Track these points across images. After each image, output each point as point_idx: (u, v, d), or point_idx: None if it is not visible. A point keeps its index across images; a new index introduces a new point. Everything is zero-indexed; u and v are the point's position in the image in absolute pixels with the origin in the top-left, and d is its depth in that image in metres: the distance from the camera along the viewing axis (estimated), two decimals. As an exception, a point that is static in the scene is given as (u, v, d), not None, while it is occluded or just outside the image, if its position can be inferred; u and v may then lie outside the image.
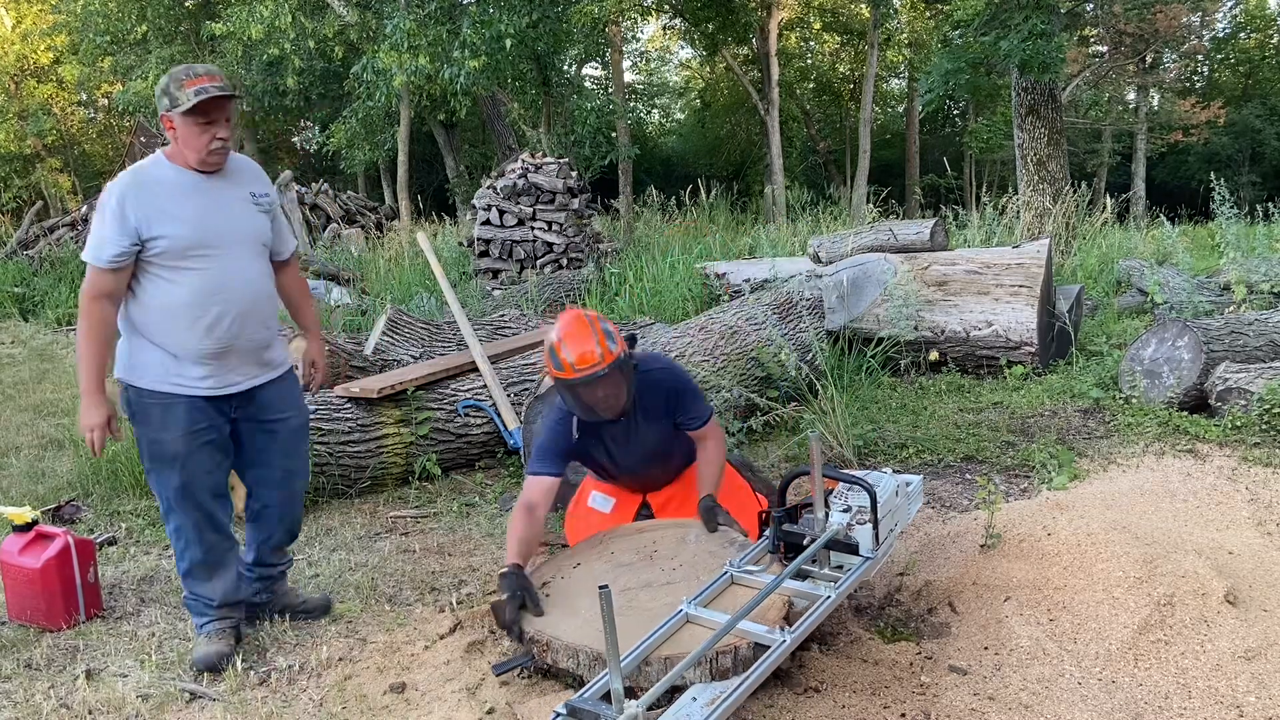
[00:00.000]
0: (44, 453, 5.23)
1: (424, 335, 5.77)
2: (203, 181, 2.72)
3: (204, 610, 2.87)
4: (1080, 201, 9.92)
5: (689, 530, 2.95)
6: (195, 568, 2.82)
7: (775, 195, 17.69)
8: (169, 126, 2.66)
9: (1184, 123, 20.10)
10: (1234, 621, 2.61)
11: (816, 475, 2.65)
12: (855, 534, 2.66)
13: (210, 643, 2.82)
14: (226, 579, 2.87)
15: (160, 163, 2.72)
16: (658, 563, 2.80)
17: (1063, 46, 9.11)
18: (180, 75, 2.65)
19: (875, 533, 2.64)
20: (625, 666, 2.21)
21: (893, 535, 2.82)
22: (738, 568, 2.64)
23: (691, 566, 2.74)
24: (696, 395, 3.10)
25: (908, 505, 2.94)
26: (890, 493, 2.78)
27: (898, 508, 2.85)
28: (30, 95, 23.76)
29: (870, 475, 2.85)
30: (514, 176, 9.47)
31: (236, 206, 2.78)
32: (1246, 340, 4.82)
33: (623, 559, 2.85)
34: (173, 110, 2.62)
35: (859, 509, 2.70)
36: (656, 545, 2.91)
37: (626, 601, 2.59)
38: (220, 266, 2.70)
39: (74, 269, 11.36)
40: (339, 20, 14.16)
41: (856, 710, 2.39)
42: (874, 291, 6.00)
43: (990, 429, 4.65)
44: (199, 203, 2.69)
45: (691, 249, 9.24)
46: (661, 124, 33.06)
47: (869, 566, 2.65)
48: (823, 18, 24.63)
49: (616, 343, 2.86)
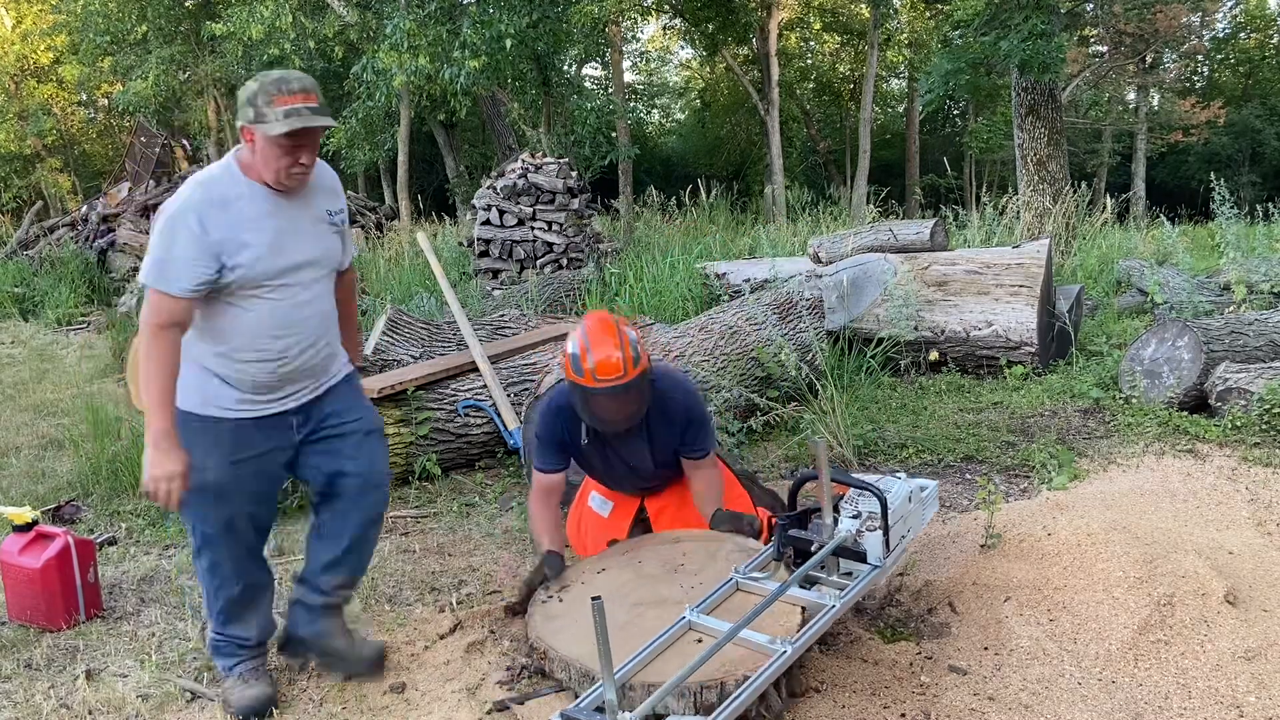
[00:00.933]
0: (44, 453, 5.24)
1: (424, 335, 5.77)
2: (279, 201, 2.39)
3: (235, 651, 2.59)
4: (1080, 201, 9.92)
5: (722, 546, 2.87)
6: (232, 606, 2.53)
7: (775, 195, 17.69)
8: (248, 139, 2.31)
9: (1184, 123, 20.09)
10: (1234, 621, 2.61)
11: (824, 480, 2.60)
12: (865, 541, 2.60)
13: (247, 686, 2.54)
14: (263, 615, 2.62)
15: (234, 176, 2.36)
16: (680, 578, 2.73)
17: (1063, 46, 9.10)
18: (271, 88, 2.27)
19: (886, 540, 2.58)
20: (620, 677, 2.17)
21: (904, 542, 2.76)
22: (743, 574, 2.60)
23: (710, 587, 2.64)
24: (707, 427, 3.05)
25: (921, 511, 2.87)
26: (903, 498, 2.71)
27: (910, 514, 2.77)
28: (30, 95, 23.75)
29: (882, 480, 2.79)
30: (514, 176, 9.47)
31: (312, 229, 2.46)
32: (1246, 340, 4.82)
33: (648, 569, 2.80)
34: (256, 125, 2.28)
35: (869, 515, 2.63)
36: (685, 559, 2.84)
37: (634, 617, 2.54)
38: (292, 296, 2.40)
39: (74, 269, 11.37)
40: (339, 20, 14.15)
41: (856, 710, 2.39)
42: (874, 291, 6.00)
43: (990, 429, 4.65)
44: (275, 226, 2.36)
45: (691, 249, 9.23)
46: (661, 124, 33.06)
47: (877, 575, 2.60)
48: (823, 18, 24.62)
49: (641, 356, 2.81)
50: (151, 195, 13.28)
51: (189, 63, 18.41)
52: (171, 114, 20.57)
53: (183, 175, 13.73)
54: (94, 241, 12.56)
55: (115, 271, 12.01)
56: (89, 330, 9.58)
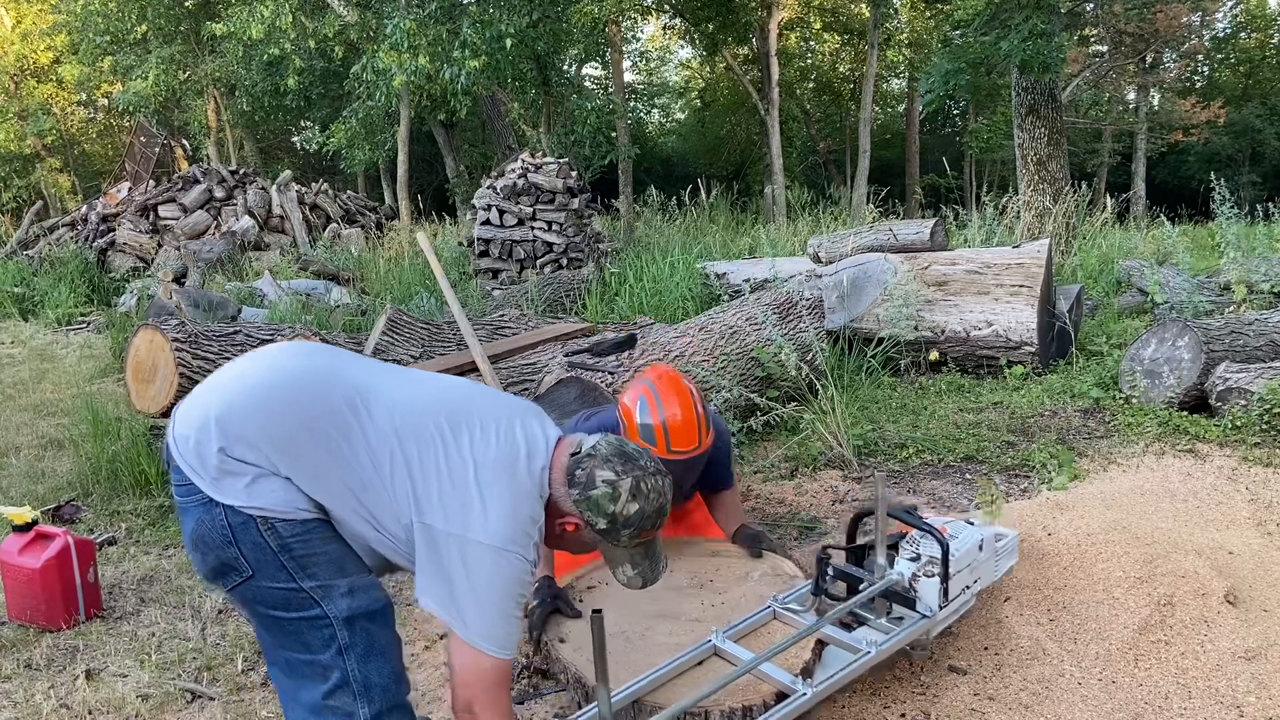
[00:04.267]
0: (44, 453, 5.23)
1: (424, 335, 5.76)
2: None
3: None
4: (1080, 201, 9.92)
5: (757, 568, 2.80)
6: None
7: (775, 195, 17.69)
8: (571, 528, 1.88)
9: (1184, 123, 20.12)
10: (1234, 621, 2.61)
11: (879, 515, 2.42)
12: (919, 587, 2.41)
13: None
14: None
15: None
16: (704, 594, 2.66)
17: (1063, 46, 9.11)
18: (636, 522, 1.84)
19: (944, 589, 2.39)
20: (630, 694, 2.14)
21: (969, 594, 2.54)
22: (781, 604, 2.47)
23: (734, 607, 2.58)
24: (729, 458, 3.00)
25: (994, 562, 2.63)
26: (970, 546, 2.50)
27: (981, 563, 2.56)
28: (30, 95, 23.76)
29: (954, 524, 2.59)
30: (514, 176, 9.47)
31: None
32: (1246, 340, 4.82)
33: (677, 580, 2.73)
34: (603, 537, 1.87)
35: (929, 559, 2.43)
36: (716, 574, 2.78)
37: (645, 629, 2.49)
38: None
39: (73, 269, 11.37)
40: (339, 20, 14.15)
41: (856, 710, 2.39)
42: (874, 291, 6.00)
43: (990, 429, 4.65)
44: None
45: (691, 249, 9.23)
46: (661, 124, 33.06)
47: (923, 626, 2.40)
48: (823, 18, 24.62)
49: (711, 427, 2.71)
50: (151, 195, 13.28)
51: (189, 63, 18.42)
52: (171, 114, 20.59)
53: (182, 175, 13.75)
54: (94, 241, 12.56)
55: (115, 271, 12.02)
56: (89, 330, 9.58)
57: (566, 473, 1.84)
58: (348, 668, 1.79)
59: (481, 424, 1.84)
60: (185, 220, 12.74)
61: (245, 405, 1.77)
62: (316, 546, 1.76)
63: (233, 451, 1.72)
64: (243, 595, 1.78)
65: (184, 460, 1.75)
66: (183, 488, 1.77)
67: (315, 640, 1.78)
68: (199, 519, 1.74)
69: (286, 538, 1.73)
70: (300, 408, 1.78)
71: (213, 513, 1.73)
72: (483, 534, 1.73)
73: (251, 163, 20.21)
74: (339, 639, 1.78)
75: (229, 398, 1.79)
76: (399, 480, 1.77)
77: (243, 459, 1.73)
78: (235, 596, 1.80)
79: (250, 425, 1.74)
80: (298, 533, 1.74)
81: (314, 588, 1.76)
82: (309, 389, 1.81)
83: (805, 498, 3.98)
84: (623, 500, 1.81)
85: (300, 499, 1.75)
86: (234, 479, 1.72)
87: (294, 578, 1.75)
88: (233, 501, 1.72)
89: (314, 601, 1.76)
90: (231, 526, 1.72)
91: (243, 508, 1.72)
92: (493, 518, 1.74)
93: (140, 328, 5.35)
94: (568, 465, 1.85)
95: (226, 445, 1.72)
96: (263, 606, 1.78)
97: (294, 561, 1.74)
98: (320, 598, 1.76)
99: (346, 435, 1.77)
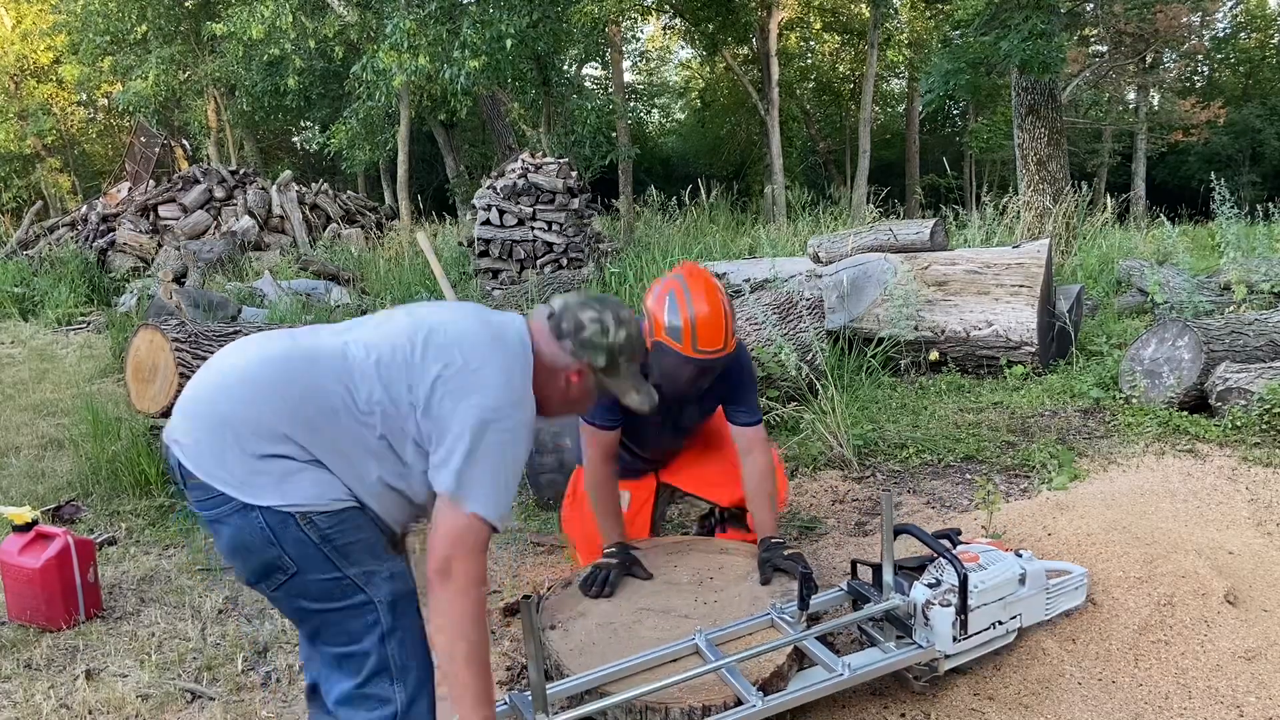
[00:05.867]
0: (44, 453, 5.23)
1: (424, 335, 5.75)
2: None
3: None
4: (1080, 201, 9.92)
5: (756, 573, 2.73)
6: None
7: (775, 195, 17.69)
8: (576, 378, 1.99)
9: (1184, 123, 20.13)
10: (1234, 621, 2.61)
11: (885, 533, 2.32)
12: (931, 615, 2.26)
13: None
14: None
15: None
16: (700, 592, 2.64)
17: (1063, 46, 9.11)
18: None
19: (961, 621, 2.23)
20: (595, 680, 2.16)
21: (1001, 629, 2.36)
22: (779, 612, 2.41)
23: (726, 607, 2.54)
24: (754, 384, 2.85)
25: (1042, 599, 2.43)
26: (1007, 579, 2.32)
27: (1020, 599, 2.36)
28: (30, 95, 23.78)
29: (989, 553, 2.41)
30: (514, 176, 9.47)
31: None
32: (1246, 340, 4.82)
33: (679, 576, 2.71)
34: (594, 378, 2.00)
35: (950, 588, 2.27)
36: (718, 571, 2.75)
37: (633, 621, 2.50)
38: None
39: (73, 269, 11.37)
40: (339, 20, 14.16)
41: (856, 710, 2.39)
42: (874, 291, 6.00)
43: (990, 429, 4.65)
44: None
45: (691, 249, 9.24)
46: (661, 124, 33.08)
47: (915, 656, 2.27)
48: (823, 18, 24.64)
49: (735, 331, 2.62)
50: (151, 195, 13.28)
51: (189, 63, 18.43)
52: (171, 114, 20.60)
53: (182, 175, 13.76)
54: (94, 241, 12.57)
55: (115, 271, 12.02)
56: (89, 330, 9.58)
57: (551, 331, 1.94)
58: (387, 653, 1.82)
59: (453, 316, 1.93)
60: (185, 220, 12.74)
61: (244, 394, 1.78)
62: (352, 535, 1.80)
63: (250, 446, 1.73)
64: (287, 592, 1.81)
65: (202, 470, 1.75)
66: (208, 501, 1.76)
67: (358, 627, 1.81)
68: (237, 527, 1.75)
69: (325, 529, 1.76)
70: (300, 375, 1.81)
71: (249, 517, 1.73)
72: (485, 405, 1.79)
73: (251, 163, 20.21)
74: (382, 624, 1.82)
75: (227, 395, 1.80)
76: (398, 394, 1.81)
77: (262, 453, 1.74)
78: (279, 595, 1.83)
79: (257, 410, 1.76)
80: (334, 524, 1.77)
81: (358, 574, 1.80)
82: (298, 361, 1.84)
83: (805, 498, 3.98)
84: (613, 331, 1.94)
85: (330, 487, 1.78)
86: (263, 478, 1.73)
87: (338, 567, 1.78)
88: (268, 502, 1.73)
89: (358, 588, 1.80)
90: (271, 527, 1.73)
91: (279, 506, 1.73)
92: (491, 388, 1.81)
93: (140, 328, 5.35)
94: (548, 326, 1.95)
95: (242, 441, 1.73)
96: (307, 600, 1.81)
97: (336, 551, 1.77)
98: (364, 584, 1.80)
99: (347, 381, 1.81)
